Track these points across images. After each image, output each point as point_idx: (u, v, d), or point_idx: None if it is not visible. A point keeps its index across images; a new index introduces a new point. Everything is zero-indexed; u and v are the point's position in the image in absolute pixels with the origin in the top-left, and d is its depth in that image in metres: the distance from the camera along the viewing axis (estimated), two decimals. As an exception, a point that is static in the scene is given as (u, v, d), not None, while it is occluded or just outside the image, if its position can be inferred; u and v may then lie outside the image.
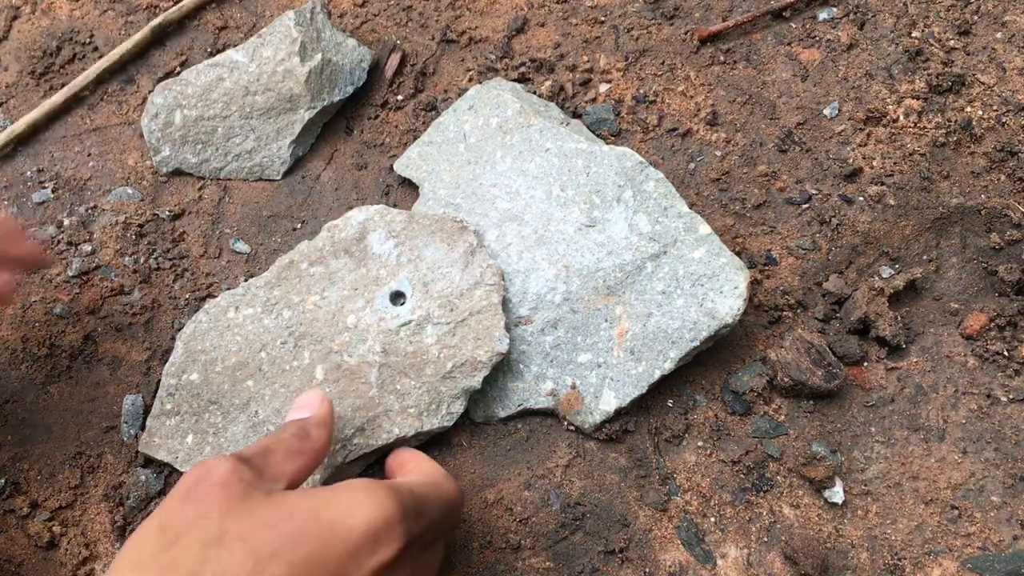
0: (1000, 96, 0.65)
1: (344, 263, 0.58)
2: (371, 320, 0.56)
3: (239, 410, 0.56)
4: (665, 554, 0.54)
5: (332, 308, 0.57)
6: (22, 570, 0.56)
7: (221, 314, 0.58)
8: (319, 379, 0.55)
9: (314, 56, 0.67)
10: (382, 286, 0.57)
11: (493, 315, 0.55)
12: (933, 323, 0.60)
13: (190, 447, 0.56)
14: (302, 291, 0.57)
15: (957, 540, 0.54)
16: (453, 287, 0.56)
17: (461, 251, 0.57)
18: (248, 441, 0.55)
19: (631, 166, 0.59)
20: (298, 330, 0.57)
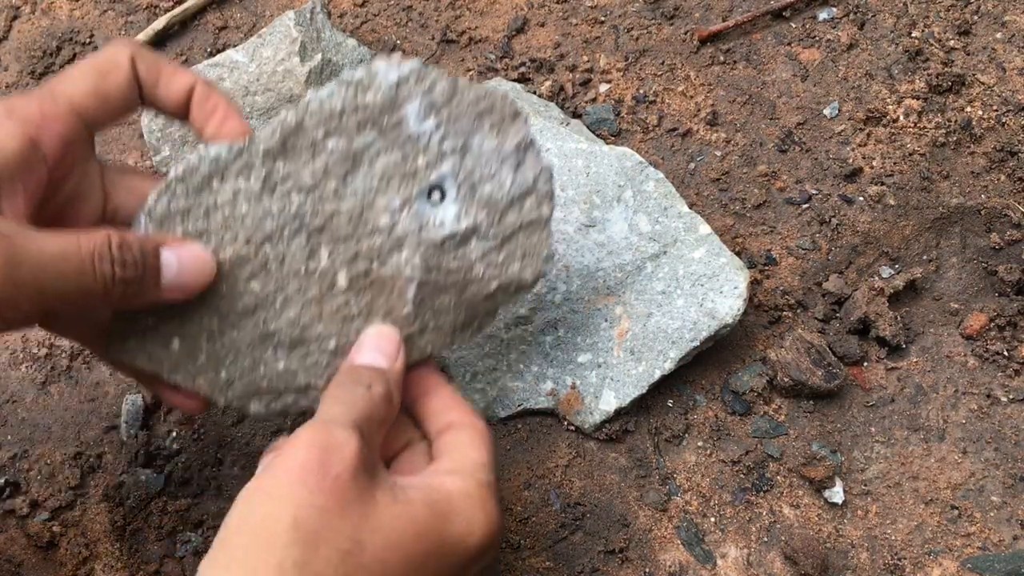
0: (1000, 96, 0.65)
1: (371, 141, 0.46)
2: (410, 226, 0.46)
3: (241, 316, 0.47)
4: (665, 554, 0.54)
5: (359, 201, 0.46)
6: (22, 570, 0.56)
7: (203, 185, 0.46)
8: (342, 286, 0.47)
9: (314, 56, 0.67)
10: (421, 181, 0.47)
11: (542, 231, 0.48)
12: (933, 323, 0.60)
13: (178, 353, 0.47)
14: (317, 172, 0.46)
15: (957, 540, 0.54)
16: (502, 192, 0.47)
17: (513, 145, 0.47)
18: (254, 352, 0.47)
19: (631, 166, 0.59)
20: (313, 223, 0.46)
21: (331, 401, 0.41)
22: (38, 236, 0.38)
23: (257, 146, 0.45)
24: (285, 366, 0.48)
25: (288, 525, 0.34)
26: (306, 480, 0.35)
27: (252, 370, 0.48)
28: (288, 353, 0.47)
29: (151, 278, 0.41)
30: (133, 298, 0.41)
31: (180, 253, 0.43)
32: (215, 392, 0.48)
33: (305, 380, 0.48)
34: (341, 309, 0.47)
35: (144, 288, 0.41)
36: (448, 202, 0.47)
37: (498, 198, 0.47)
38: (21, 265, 0.36)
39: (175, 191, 0.45)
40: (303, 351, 0.47)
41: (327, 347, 0.47)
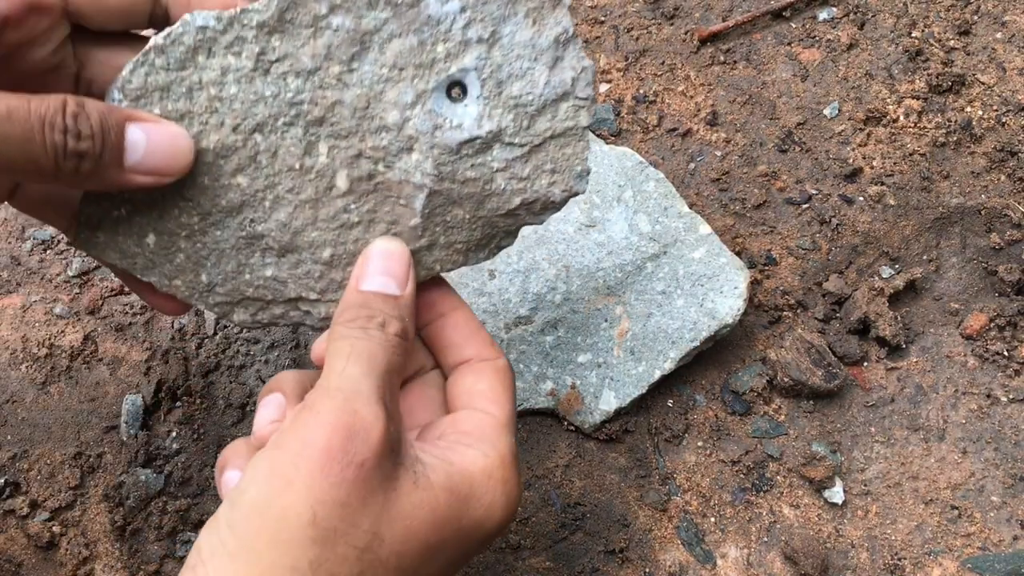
0: (1000, 96, 0.65)
1: (384, 20, 0.39)
2: (423, 125, 0.40)
3: (225, 214, 0.41)
4: (665, 554, 0.54)
5: (364, 92, 0.40)
6: (22, 570, 0.56)
7: (186, 58, 0.39)
8: (341, 189, 0.41)
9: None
10: (439, 73, 0.40)
11: (578, 141, 0.42)
12: (933, 323, 0.60)
13: (153, 250, 0.42)
14: (319, 53, 0.40)
15: (957, 540, 0.54)
16: (534, 94, 0.41)
17: (550, 38, 0.40)
18: (239, 255, 0.42)
19: (631, 166, 0.59)
20: (311, 112, 0.40)
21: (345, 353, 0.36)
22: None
23: (251, 17, 0.39)
24: (274, 273, 0.43)
25: (307, 521, 0.32)
26: (328, 470, 0.33)
27: (236, 275, 0.43)
28: (277, 259, 0.43)
29: (112, 156, 0.36)
30: (89, 177, 0.36)
31: (151, 131, 0.37)
32: (194, 295, 0.43)
33: (295, 291, 0.43)
34: (339, 215, 0.42)
35: (102, 166, 0.36)
36: (469, 100, 0.41)
37: (528, 100, 0.41)
38: None
39: (154, 63, 0.39)
40: (294, 258, 0.43)
41: (321, 256, 0.42)
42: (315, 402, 0.34)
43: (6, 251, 0.67)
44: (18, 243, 0.67)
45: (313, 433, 0.33)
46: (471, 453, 0.37)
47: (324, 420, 0.33)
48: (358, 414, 0.34)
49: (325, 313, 0.43)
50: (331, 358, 0.37)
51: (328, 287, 0.43)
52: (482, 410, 0.40)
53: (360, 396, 0.34)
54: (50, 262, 0.66)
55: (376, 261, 0.40)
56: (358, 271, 0.40)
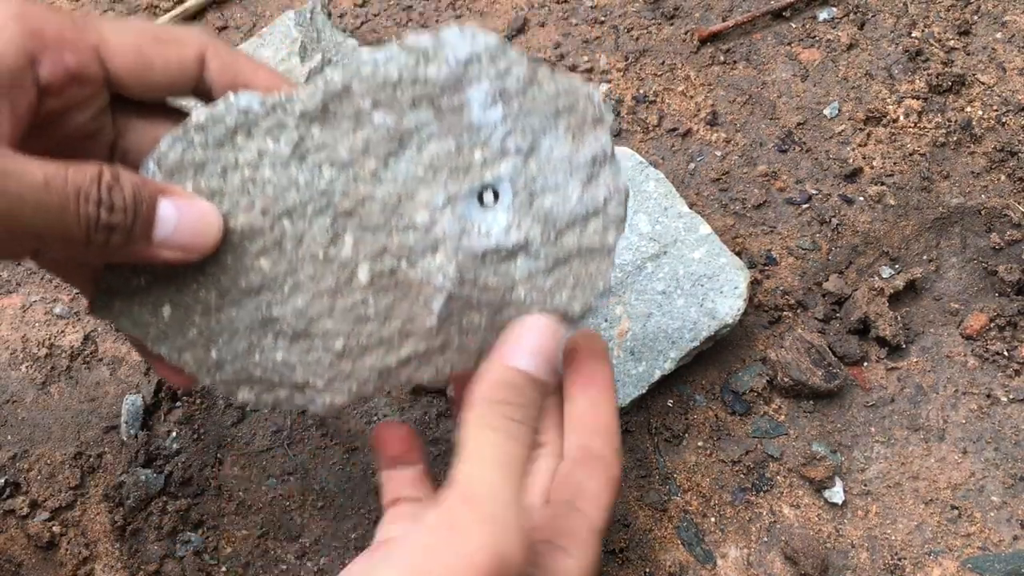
0: (1000, 96, 0.65)
1: (426, 121, 0.39)
2: (451, 229, 0.40)
3: (244, 294, 0.41)
4: (665, 554, 0.54)
5: (397, 189, 0.40)
6: (22, 570, 0.56)
7: (225, 138, 0.40)
8: (361, 282, 0.41)
9: (314, 56, 0.67)
10: (474, 179, 0.40)
11: (603, 259, 0.41)
12: (933, 323, 0.60)
13: (167, 322, 0.42)
14: (357, 147, 0.40)
15: (957, 540, 0.54)
16: (565, 208, 0.40)
17: (588, 155, 0.40)
18: (252, 335, 0.42)
19: (631, 166, 0.59)
20: (341, 204, 0.40)
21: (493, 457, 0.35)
22: (22, 161, 0.32)
23: (294, 105, 0.39)
24: (284, 357, 0.42)
25: None
26: None
27: (247, 355, 0.42)
28: (289, 344, 0.42)
29: (141, 229, 0.36)
30: (118, 249, 0.35)
31: (182, 207, 0.37)
32: (201, 371, 0.43)
33: (303, 377, 0.43)
34: (356, 307, 0.41)
35: (131, 239, 0.35)
36: (500, 208, 0.41)
37: (559, 214, 0.41)
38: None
39: (192, 140, 0.39)
40: (306, 345, 0.42)
41: (333, 346, 0.42)
42: (463, 524, 0.33)
43: (6, 251, 0.67)
44: (18, 243, 0.67)
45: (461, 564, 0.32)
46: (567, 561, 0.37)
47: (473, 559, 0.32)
48: (505, 556, 0.32)
49: (330, 401, 0.43)
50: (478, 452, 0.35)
51: (336, 377, 0.42)
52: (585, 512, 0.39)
53: (508, 529, 0.33)
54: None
55: (532, 337, 0.38)
56: (511, 343, 0.38)
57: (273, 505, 0.57)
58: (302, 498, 0.57)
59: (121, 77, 0.37)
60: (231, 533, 0.56)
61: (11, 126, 0.34)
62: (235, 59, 0.40)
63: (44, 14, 0.35)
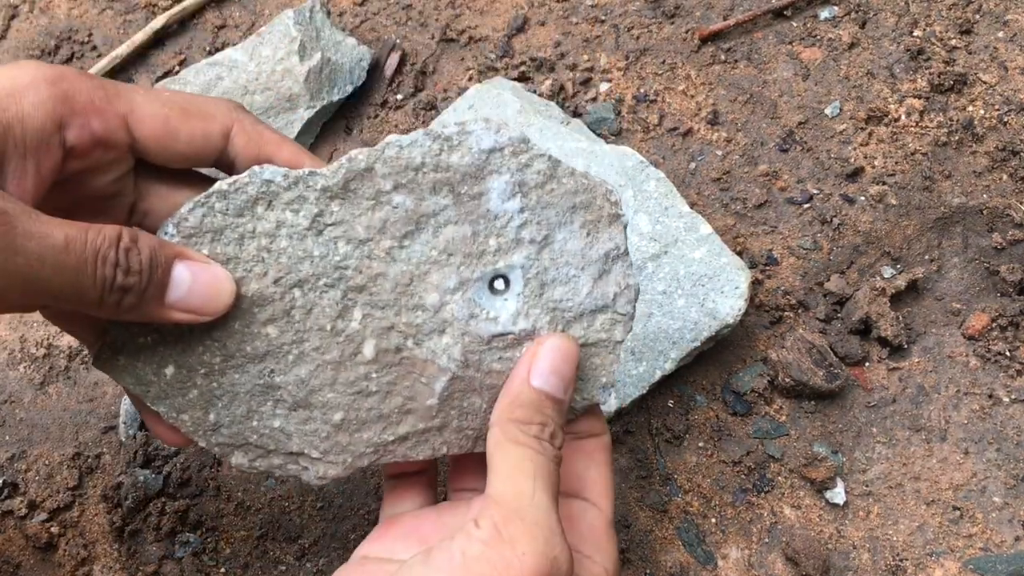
0: (1002, 95, 0.64)
1: (444, 206, 0.41)
2: (460, 312, 0.41)
3: (248, 360, 0.42)
4: (666, 555, 0.54)
5: (410, 269, 0.41)
6: (20, 571, 0.56)
7: (245, 207, 0.40)
8: (366, 358, 0.42)
9: (313, 55, 0.67)
10: (487, 265, 0.41)
11: (608, 354, 0.42)
12: (935, 323, 0.60)
13: (169, 381, 0.42)
14: (374, 226, 0.41)
15: (959, 541, 0.53)
16: (574, 301, 0.41)
17: (601, 252, 0.41)
18: (252, 401, 0.42)
19: (632, 166, 0.59)
20: (353, 280, 0.41)
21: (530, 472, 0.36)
22: (43, 221, 0.33)
23: (316, 180, 0.40)
24: (281, 425, 0.43)
25: None
26: None
27: (244, 420, 0.43)
28: (288, 412, 0.43)
29: (155, 290, 0.37)
30: (130, 310, 0.36)
31: (196, 271, 0.38)
32: (198, 432, 0.43)
33: (299, 446, 0.43)
34: (359, 381, 0.42)
35: (144, 300, 0.36)
36: (510, 295, 0.41)
37: (568, 306, 0.42)
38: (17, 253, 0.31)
39: (213, 206, 0.40)
40: (305, 415, 0.43)
41: (332, 418, 0.43)
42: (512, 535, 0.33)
43: (4, 251, 0.66)
44: (16, 243, 0.67)
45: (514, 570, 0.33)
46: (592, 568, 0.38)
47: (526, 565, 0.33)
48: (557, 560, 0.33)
49: (323, 473, 0.43)
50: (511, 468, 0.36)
51: (332, 448, 0.43)
52: (594, 504, 0.40)
53: (555, 536, 0.34)
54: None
55: (551, 357, 0.39)
56: (529, 363, 0.39)
57: (272, 506, 0.57)
58: (301, 499, 0.57)
59: (147, 146, 0.39)
60: (230, 534, 0.56)
61: (34, 185, 0.35)
62: (260, 134, 0.41)
63: (77, 79, 0.36)
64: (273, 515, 0.57)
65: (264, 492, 0.58)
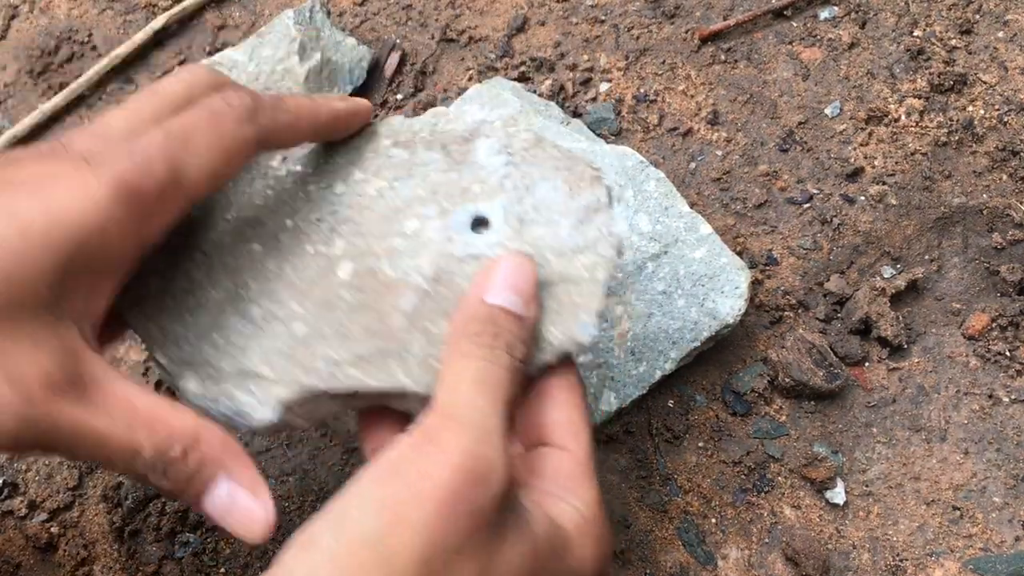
0: (1002, 95, 0.64)
1: (435, 159, 0.44)
2: (436, 235, 0.42)
3: (227, 272, 0.43)
4: (666, 555, 0.54)
5: (396, 204, 0.43)
6: (20, 571, 0.56)
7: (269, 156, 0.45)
8: (341, 278, 0.42)
9: (313, 55, 0.67)
10: (467, 202, 0.42)
11: (589, 292, 0.40)
12: (935, 323, 0.60)
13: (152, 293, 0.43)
14: (369, 169, 0.44)
15: (959, 541, 0.53)
16: (555, 240, 0.41)
17: (582, 203, 0.42)
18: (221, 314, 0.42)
19: (631, 165, 0.59)
20: (343, 212, 0.43)
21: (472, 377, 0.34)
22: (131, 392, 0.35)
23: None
24: (244, 342, 0.41)
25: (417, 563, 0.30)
26: (448, 515, 0.31)
27: (207, 332, 0.41)
28: (254, 327, 0.41)
29: (191, 497, 0.37)
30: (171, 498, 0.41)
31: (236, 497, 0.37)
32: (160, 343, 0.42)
33: (253, 363, 0.41)
34: (329, 299, 0.41)
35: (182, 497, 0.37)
36: (490, 232, 0.42)
37: (546, 243, 0.41)
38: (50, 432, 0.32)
39: None
40: (269, 329, 0.41)
41: (293, 330, 0.41)
42: (440, 435, 0.32)
43: (4, 251, 0.66)
44: (16, 243, 0.66)
45: (437, 471, 0.31)
46: (565, 508, 0.36)
47: (450, 460, 0.31)
48: (485, 458, 0.32)
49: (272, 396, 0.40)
50: (455, 377, 0.35)
51: (286, 366, 0.41)
52: (562, 447, 0.37)
53: (488, 437, 0.32)
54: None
55: (505, 273, 0.37)
56: (483, 281, 0.38)
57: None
58: (301, 499, 0.57)
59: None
60: (230, 534, 0.56)
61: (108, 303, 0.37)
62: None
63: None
64: (273, 515, 0.57)
65: (264, 492, 0.58)
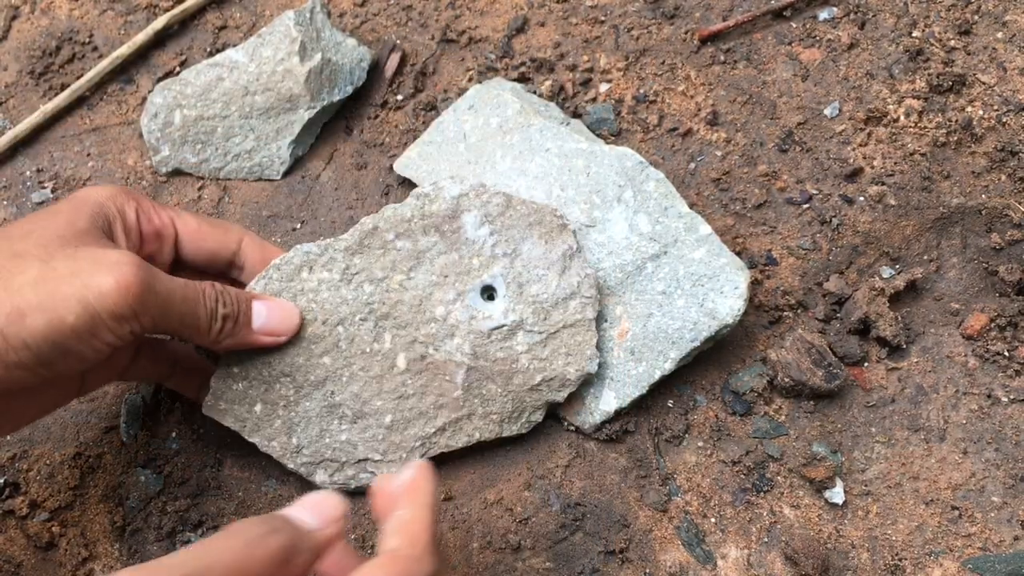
0: (1001, 96, 0.65)
1: (434, 243, 0.53)
2: (462, 316, 0.53)
3: (313, 387, 0.54)
4: (665, 555, 0.54)
5: (419, 293, 0.53)
6: (21, 571, 0.56)
7: (294, 273, 0.54)
8: (401, 368, 0.53)
9: (314, 56, 0.67)
10: (474, 279, 0.53)
11: (586, 331, 0.54)
12: (934, 323, 0.60)
13: (259, 416, 0.54)
14: (386, 267, 0.54)
15: (958, 540, 0.54)
16: (548, 293, 0.53)
17: (559, 253, 0.53)
18: (322, 422, 0.54)
19: (631, 166, 0.59)
20: (380, 310, 0.53)
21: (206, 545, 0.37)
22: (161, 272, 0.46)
23: (340, 243, 0.54)
24: (347, 437, 0.54)
25: None
26: None
27: (319, 438, 0.54)
28: (351, 425, 0.54)
29: (244, 319, 0.51)
30: (230, 335, 0.50)
31: (269, 304, 0.52)
32: (285, 455, 0.54)
33: (364, 453, 0.54)
34: (398, 388, 0.54)
35: (238, 327, 0.50)
36: (498, 299, 0.54)
37: (543, 298, 0.53)
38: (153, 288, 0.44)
39: (271, 276, 0.54)
40: (363, 424, 0.54)
41: (383, 422, 0.54)
42: None
43: (6, 251, 0.66)
44: (18, 243, 0.67)
45: None
46: None
47: None
48: None
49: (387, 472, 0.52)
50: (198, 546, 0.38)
51: (388, 448, 0.54)
52: None
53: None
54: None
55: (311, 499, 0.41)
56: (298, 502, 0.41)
57: (273, 505, 0.57)
58: (302, 498, 0.57)
59: (184, 242, 0.53)
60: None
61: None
62: (263, 245, 0.55)
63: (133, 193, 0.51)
64: (274, 515, 0.57)
65: (265, 492, 0.58)
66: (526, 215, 0.53)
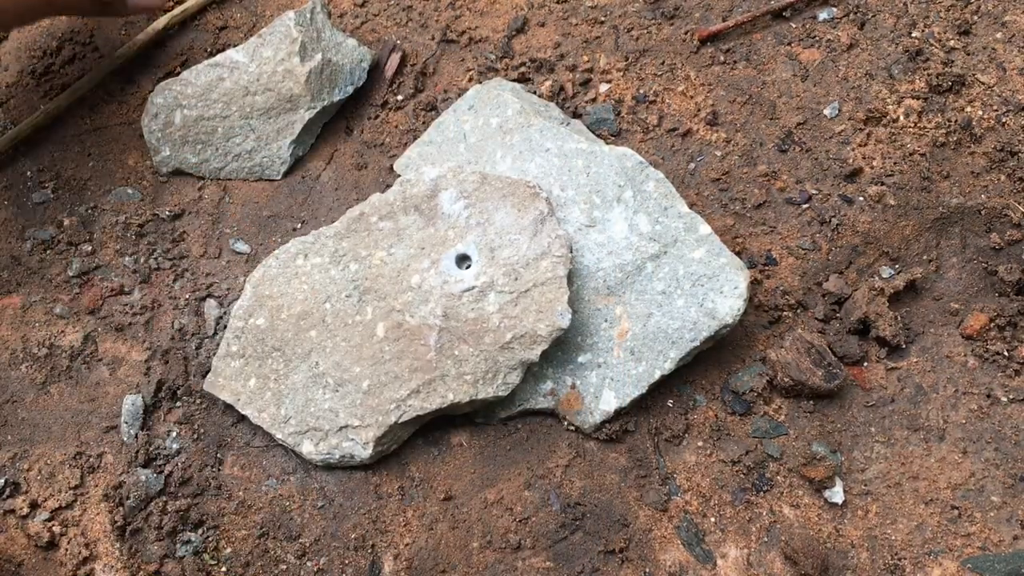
0: (1000, 96, 0.65)
1: (413, 220, 0.57)
2: (435, 282, 0.56)
3: (300, 359, 0.57)
4: (665, 554, 0.54)
5: (398, 265, 0.57)
6: (22, 570, 0.56)
7: (290, 260, 0.59)
8: (380, 336, 0.56)
9: (314, 56, 0.67)
10: (449, 247, 0.56)
11: (557, 288, 0.54)
12: (933, 323, 0.60)
13: (252, 390, 0.58)
14: (370, 245, 0.57)
15: (957, 540, 0.54)
16: (519, 255, 0.55)
17: (531, 218, 0.55)
18: (307, 391, 0.56)
19: (631, 166, 0.59)
20: (363, 284, 0.57)
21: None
22: None
23: (330, 231, 0.59)
24: (330, 405, 0.56)
25: None
26: None
27: (305, 408, 0.56)
28: (333, 393, 0.56)
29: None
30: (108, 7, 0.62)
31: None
32: (275, 426, 0.57)
33: (344, 419, 0.56)
34: (376, 355, 0.56)
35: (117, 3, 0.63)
36: (472, 264, 0.56)
37: (514, 260, 0.55)
38: None
39: (271, 264, 0.59)
40: (343, 391, 0.56)
41: (361, 387, 0.56)
42: None
43: (6, 251, 0.67)
44: (18, 243, 0.67)
45: None
46: None
47: None
48: None
49: (367, 438, 0.55)
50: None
51: (366, 413, 0.56)
52: None
53: None
54: (50, 262, 0.66)
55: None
56: None
57: (273, 505, 0.57)
58: (302, 498, 0.57)
59: None
60: (231, 533, 0.56)
61: None
62: None
63: None
64: (274, 514, 0.57)
65: (265, 491, 0.58)
66: (500, 188, 0.56)
